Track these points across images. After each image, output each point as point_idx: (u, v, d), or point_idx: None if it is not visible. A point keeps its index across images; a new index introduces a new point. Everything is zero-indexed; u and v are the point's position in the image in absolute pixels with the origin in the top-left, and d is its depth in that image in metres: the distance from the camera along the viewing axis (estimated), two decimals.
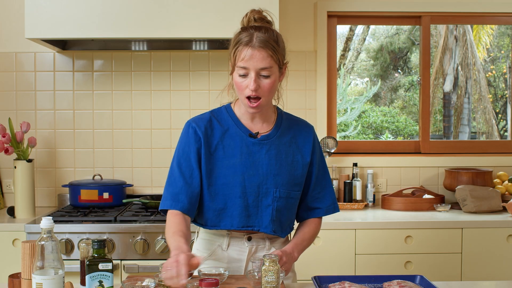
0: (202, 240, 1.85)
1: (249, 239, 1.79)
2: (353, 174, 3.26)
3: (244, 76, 1.66)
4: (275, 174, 1.75)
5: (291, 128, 1.82)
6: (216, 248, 1.80)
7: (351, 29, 8.37)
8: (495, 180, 3.26)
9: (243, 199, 1.73)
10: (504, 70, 8.11)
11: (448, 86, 7.88)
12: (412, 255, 2.76)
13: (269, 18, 1.75)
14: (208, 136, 1.75)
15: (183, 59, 3.26)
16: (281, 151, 1.77)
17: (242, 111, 1.78)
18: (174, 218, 1.69)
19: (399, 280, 1.64)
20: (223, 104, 1.85)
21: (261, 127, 1.79)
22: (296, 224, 1.92)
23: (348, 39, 8.43)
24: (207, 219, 1.78)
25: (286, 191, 1.76)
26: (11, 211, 2.89)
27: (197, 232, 1.90)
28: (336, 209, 1.88)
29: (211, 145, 1.75)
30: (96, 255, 1.48)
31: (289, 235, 1.93)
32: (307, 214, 1.87)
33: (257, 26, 1.68)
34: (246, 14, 1.74)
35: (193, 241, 1.93)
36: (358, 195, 3.22)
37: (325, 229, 2.72)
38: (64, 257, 2.60)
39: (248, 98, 1.68)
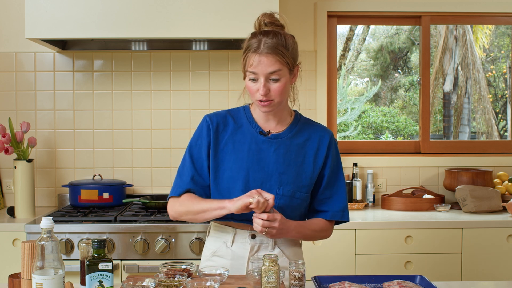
0: (212, 237, 1.89)
1: (253, 237, 1.80)
2: (353, 174, 3.26)
3: (255, 80, 1.71)
4: (281, 173, 1.77)
5: (306, 131, 1.85)
6: (221, 245, 1.83)
7: (351, 29, 8.36)
8: (495, 180, 3.27)
9: (245, 193, 1.74)
10: (504, 70, 8.10)
11: (448, 86, 7.87)
12: (412, 255, 2.76)
13: (281, 22, 1.78)
14: (219, 132, 1.81)
15: (183, 59, 3.26)
16: (291, 151, 1.80)
17: (257, 112, 1.84)
18: (187, 196, 1.79)
19: (399, 280, 1.64)
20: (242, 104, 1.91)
21: (274, 128, 1.83)
22: None
23: (348, 39, 8.42)
24: None
25: (291, 191, 1.78)
26: (11, 211, 2.89)
27: (208, 230, 1.93)
28: (344, 217, 1.86)
29: (221, 140, 1.81)
30: (96, 255, 1.48)
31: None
32: (312, 217, 1.88)
33: (266, 31, 1.72)
34: (258, 18, 1.78)
35: (206, 239, 1.94)
36: (358, 195, 3.22)
37: None
38: (64, 257, 2.61)
39: (260, 100, 1.73)
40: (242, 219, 1.77)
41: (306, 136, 1.84)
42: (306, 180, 1.80)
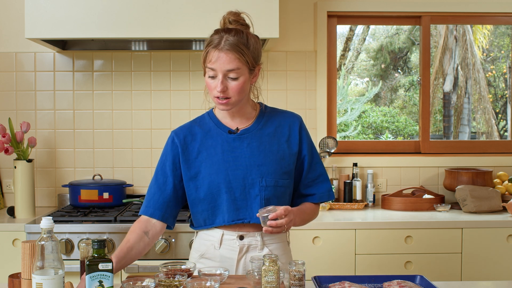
0: (199, 239, 1.88)
1: (241, 238, 1.80)
2: (353, 174, 3.26)
3: (213, 77, 1.72)
4: (259, 165, 1.78)
5: (275, 119, 1.86)
6: (209, 247, 1.83)
7: (351, 29, 8.36)
8: (495, 180, 3.26)
9: (229, 194, 1.77)
10: (504, 70, 8.10)
11: (448, 86, 7.87)
12: (412, 255, 2.76)
13: (247, 21, 1.80)
14: (188, 143, 1.82)
15: (183, 59, 3.26)
16: (264, 142, 1.81)
17: (222, 112, 1.85)
18: (135, 224, 1.81)
19: (399, 280, 1.64)
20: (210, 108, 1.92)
21: (241, 124, 1.84)
22: None
23: (348, 39, 8.42)
24: (203, 220, 1.83)
25: (273, 180, 1.79)
26: (11, 211, 2.89)
27: (196, 231, 1.92)
28: (331, 197, 1.91)
29: (192, 151, 1.82)
30: (96, 255, 1.48)
31: (287, 233, 1.94)
32: (301, 201, 1.90)
33: (228, 28, 1.74)
34: (224, 16, 1.80)
35: (193, 240, 1.95)
36: (358, 195, 3.22)
37: (325, 229, 2.72)
38: (64, 257, 2.61)
39: (218, 97, 1.73)
40: (229, 221, 1.78)
41: (275, 124, 1.85)
42: (285, 166, 1.81)
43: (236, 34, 1.71)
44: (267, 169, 1.78)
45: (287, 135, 1.84)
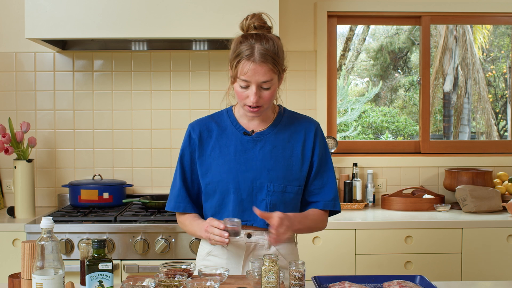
0: None
1: (249, 236, 1.80)
2: (353, 174, 3.26)
3: (245, 87, 1.71)
4: (270, 169, 1.78)
5: (292, 124, 1.86)
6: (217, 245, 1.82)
7: (351, 29, 8.36)
8: (495, 180, 3.27)
9: (237, 195, 1.78)
10: (504, 70, 8.10)
11: (448, 86, 7.87)
12: (412, 255, 2.76)
13: (268, 23, 1.79)
14: (204, 139, 1.84)
15: (183, 59, 3.26)
16: (278, 147, 1.81)
17: (241, 113, 1.85)
18: (183, 216, 1.89)
19: (399, 280, 1.64)
20: (230, 105, 1.92)
21: (258, 126, 1.84)
22: None
23: (348, 39, 8.42)
24: (211, 216, 1.83)
25: (282, 186, 1.78)
26: (11, 211, 2.89)
27: None
28: (336, 207, 1.87)
29: (206, 147, 1.83)
30: (96, 255, 1.48)
31: (294, 236, 1.94)
32: (305, 208, 1.89)
33: (258, 35, 1.71)
34: (247, 18, 1.78)
35: (193, 240, 1.95)
36: (358, 195, 3.22)
37: (325, 229, 2.72)
38: (64, 257, 2.61)
39: (249, 106, 1.74)
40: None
41: (291, 130, 1.85)
42: (296, 173, 1.81)
43: (267, 42, 1.69)
44: (277, 174, 1.78)
45: (302, 141, 1.83)
